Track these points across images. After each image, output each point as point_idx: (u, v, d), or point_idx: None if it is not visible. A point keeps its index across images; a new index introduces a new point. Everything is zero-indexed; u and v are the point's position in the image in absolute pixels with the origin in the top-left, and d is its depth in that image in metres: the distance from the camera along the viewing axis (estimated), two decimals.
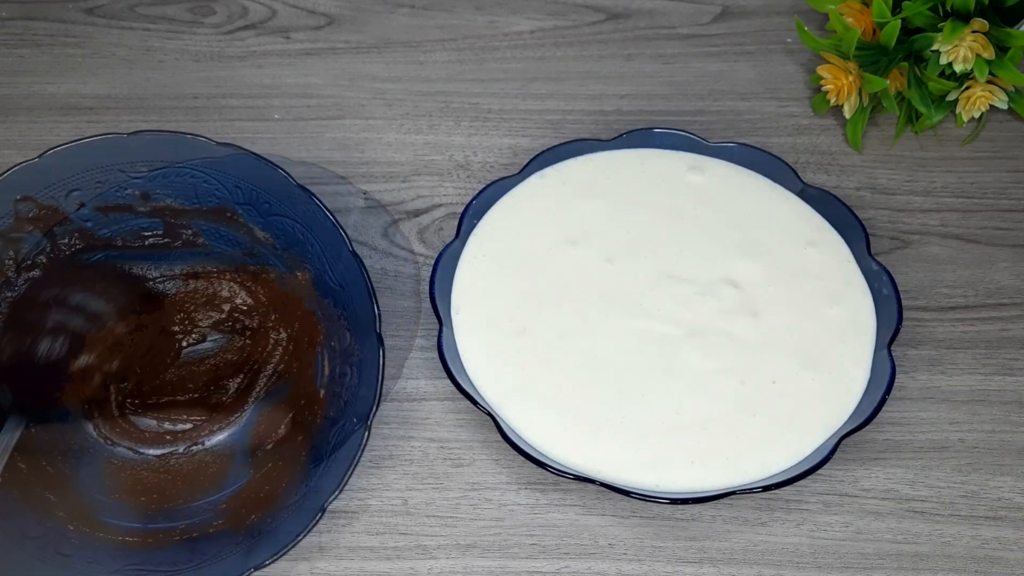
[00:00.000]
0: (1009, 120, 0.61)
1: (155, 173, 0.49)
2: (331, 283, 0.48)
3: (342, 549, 0.46)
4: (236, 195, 0.50)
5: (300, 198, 0.48)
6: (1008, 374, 0.51)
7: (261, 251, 0.51)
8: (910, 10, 0.56)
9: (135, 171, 0.49)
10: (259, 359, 0.51)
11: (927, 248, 0.56)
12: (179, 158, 0.49)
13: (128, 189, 0.49)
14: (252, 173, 0.49)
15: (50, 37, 0.66)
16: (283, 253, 0.50)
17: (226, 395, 0.51)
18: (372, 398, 0.45)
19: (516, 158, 0.59)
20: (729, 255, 0.53)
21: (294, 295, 0.51)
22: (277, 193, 0.49)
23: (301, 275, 0.50)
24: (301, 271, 0.50)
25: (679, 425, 0.47)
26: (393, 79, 0.64)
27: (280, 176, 0.48)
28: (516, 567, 0.46)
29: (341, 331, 0.48)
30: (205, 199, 0.50)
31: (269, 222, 0.50)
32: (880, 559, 0.46)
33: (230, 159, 0.48)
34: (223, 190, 0.50)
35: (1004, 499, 0.47)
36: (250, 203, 0.49)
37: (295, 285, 0.51)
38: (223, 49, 0.65)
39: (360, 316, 0.47)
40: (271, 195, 0.49)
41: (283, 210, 0.49)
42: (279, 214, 0.49)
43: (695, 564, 0.46)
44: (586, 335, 0.50)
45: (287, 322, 0.51)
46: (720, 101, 0.62)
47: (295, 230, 0.49)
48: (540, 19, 0.66)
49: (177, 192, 0.50)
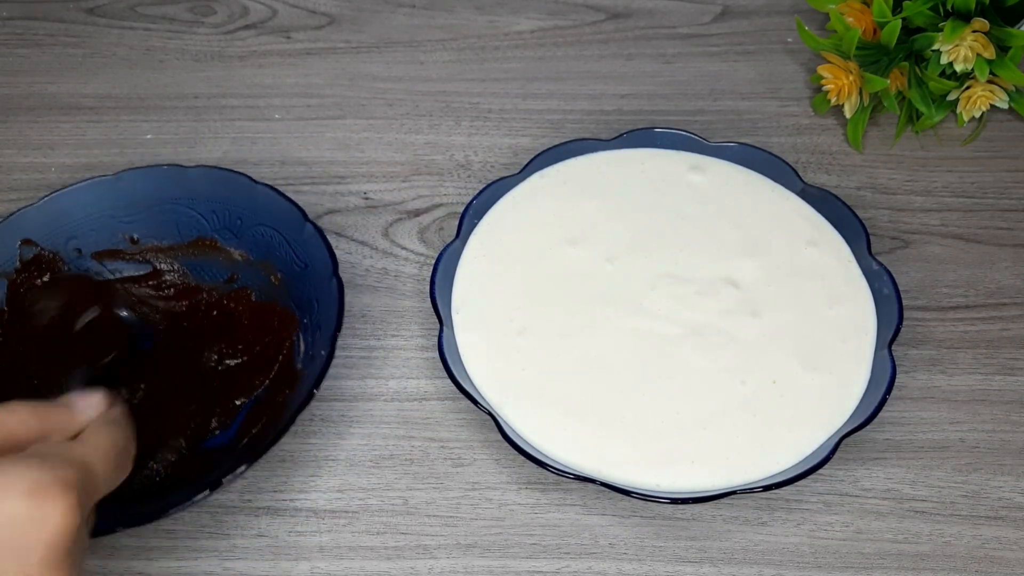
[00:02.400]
0: (1009, 120, 0.61)
1: (142, 213, 0.53)
2: (297, 267, 0.50)
3: (342, 549, 0.46)
4: (212, 221, 0.53)
5: (263, 195, 0.51)
6: (1008, 374, 0.51)
7: (239, 272, 0.53)
8: (911, 10, 0.56)
9: (124, 215, 0.53)
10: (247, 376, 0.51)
11: (928, 248, 0.56)
12: (162, 191, 0.53)
13: (120, 233, 0.53)
14: (222, 190, 0.52)
15: (50, 37, 0.66)
16: (257, 265, 0.52)
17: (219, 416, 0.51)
18: (334, 318, 0.46)
19: (516, 158, 0.59)
20: (729, 255, 0.53)
21: (270, 302, 0.52)
22: (245, 202, 0.52)
23: (275, 279, 0.51)
24: (275, 275, 0.51)
25: (679, 425, 0.47)
26: (393, 79, 0.64)
27: (244, 182, 0.51)
28: (516, 567, 0.46)
29: (311, 304, 0.49)
30: (186, 233, 0.53)
31: (242, 240, 0.52)
32: (880, 559, 0.46)
33: (200, 181, 0.52)
34: (201, 220, 0.53)
35: (1004, 499, 0.47)
36: (226, 226, 0.52)
37: (271, 292, 0.52)
38: (223, 49, 0.65)
39: (323, 272, 0.49)
40: (242, 208, 0.52)
41: (253, 219, 0.52)
42: (252, 224, 0.52)
43: (695, 564, 0.46)
44: (586, 335, 0.50)
45: (266, 332, 0.52)
46: (720, 101, 0.62)
47: (265, 235, 0.52)
48: (540, 19, 0.66)
49: (162, 231, 0.53)
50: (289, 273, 0.51)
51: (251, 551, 0.46)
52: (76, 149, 0.61)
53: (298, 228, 0.50)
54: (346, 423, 0.50)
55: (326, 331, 0.47)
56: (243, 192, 0.52)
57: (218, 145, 0.60)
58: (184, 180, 0.52)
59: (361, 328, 0.53)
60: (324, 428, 0.50)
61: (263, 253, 0.52)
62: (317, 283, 0.49)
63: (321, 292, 0.49)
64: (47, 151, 0.60)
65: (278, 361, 0.50)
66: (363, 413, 0.50)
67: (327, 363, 0.45)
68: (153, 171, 0.53)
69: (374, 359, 0.52)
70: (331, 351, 0.46)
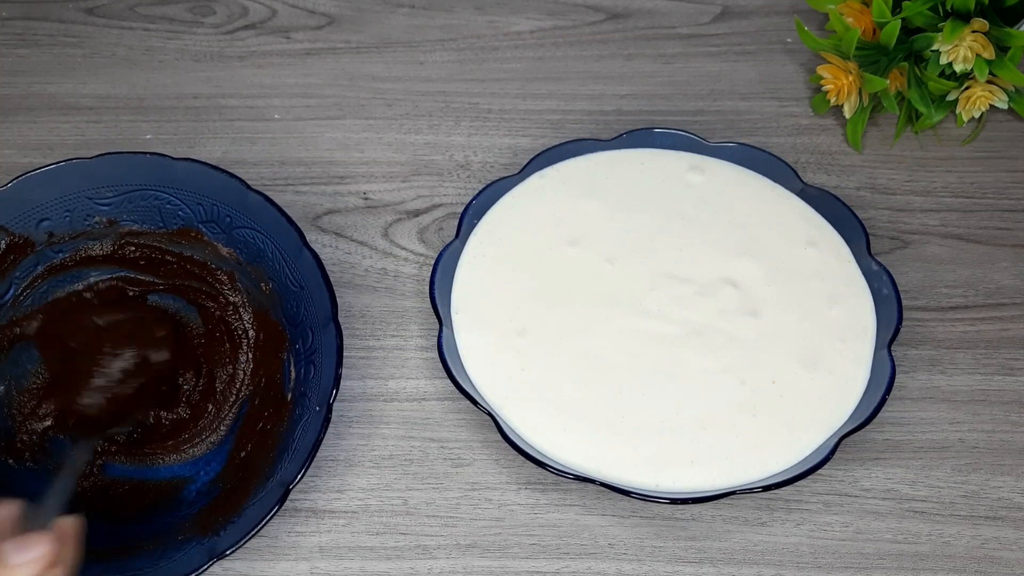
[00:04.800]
0: (1009, 120, 0.61)
1: (121, 198, 0.50)
2: (292, 286, 0.48)
3: (342, 549, 0.46)
4: (199, 213, 0.50)
5: (256, 203, 0.49)
6: (1008, 374, 0.51)
7: (227, 269, 0.51)
8: (910, 10, 0.56)
9: (101, 197, 0.50)
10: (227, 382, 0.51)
11: (927, 248, 0.56)
12: (145, 179, 0.50)
13: (95, 216, 0.50)
14: (211, 185, 0.49)
15: (50, 37, 0.66)
16: (247, 267, 0.50)
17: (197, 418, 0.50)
18: (331, 382, 0.45)
19: (516, 158, 0.59)
20: (729, 255, 0.53)
21: (260, 308, 0.50)
22: (235, 203, 0.49)
23: (265, 286, 0.50)
24: (265, 282, 0.50)
25: (679, 425, 0.47)
26: (393, 79, 0.64)
27: (236, 185, 0.49)
28: (516, 567, 0.46)
29: (305, 331, 0.48)
30: (170, 221, 0.51)
31: (232, 236, 0.50)
32: (880, 559, 0.46)
33: (188, 175, 0.49)
34: (186, 209, 0.50)
35: (1004, 499, 0.47)
36: (212, 220, 0.50)
37: (261, 298, 0.50)
38: (223, 49, 0.65)
39: (320, 310, 0.47)
40: (230, 207, 0.50)
41: (243, 221, 0.50)
42: (240, 226, 0.50)
43: (695, 564, 0.46)
44: (586, 335, 0.50)
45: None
46: (720, 101, 0.62)
47: (256, 240, 0.49)
48: (540, 19, 0.66)
49: (143, 216, 0.51)
50: (282, 287, 0.49)
51: (251, 551, 0.46)
52: (76, 149, 0.60)
53: (296, 249, 0.48)
54: (346, 423, 0.50)
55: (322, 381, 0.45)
56: (234, 195, 0.49)
57: (218, 145, 0.60)
58: (171, 171, 0.50)
59: (361, 328, 0.53)
60: None
61: (252, 256, 0.50)
62: (314, 313, 0.47)
63: (317, 325, 0.47)
64: (47, 151, 0.60)
65: (262, 376, 0.49)
66: (363, 413, 0.50)
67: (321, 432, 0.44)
68: (137, 158, 0.50)
69: (374, 359, 0.52)
70: (327, 416, 0.44)
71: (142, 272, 0.52)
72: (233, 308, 0.51)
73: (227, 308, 0.51)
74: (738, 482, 0.45)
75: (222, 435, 0.49)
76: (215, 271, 0.51)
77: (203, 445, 0.49)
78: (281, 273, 0.49)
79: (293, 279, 0.48)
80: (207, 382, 0.50)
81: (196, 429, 0.50)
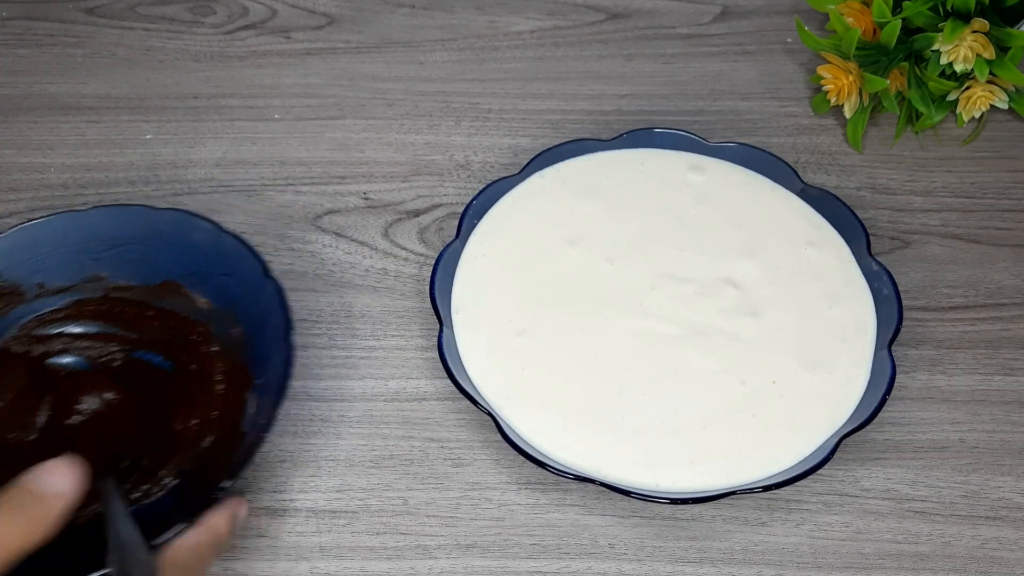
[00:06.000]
0: (1009, 120, 0.61)
1: (112, 252, 0.50)
2: (253, 318, 0.48)
3: (342, 549, 0.46)
4: (180, 265, 0.50)
5: (229, 244, 0.49)
6: (1008, 374, 0.51)
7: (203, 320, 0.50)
8: (910, 10, 0.56)
9: (93, 251, 0.50)
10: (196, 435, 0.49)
11: (927, 248, 0.56)
12: (134, 229, 0.50)
13: (86, 271, 0.50)
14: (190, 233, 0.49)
15: (50, 37, 0.66)
16: (219, 313, 0.49)
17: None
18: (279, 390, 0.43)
19: (516, 158, 0.59)
20: (729, 255, 0.53)
21: (230, 354, 0.49)
22: (211, 248, 0.49)
23: (236, 331, 0.49)
24: (235, 327, 0.49)
25: (679, 425, 0.47)
26: (393, 79, 0.64)
27: (209, 228, 0.49)
28: (516, 567, 0.46)
29: (265, 367, 0.46)
30: (155, 277, 0.50)
31: (208, 287, 0.50)
32: (880, 559, 0.46)
33: (166, 225, 0.50)
34: (169, 261, 0.50)
35: (1004, 499, 0.47)
36: (192, 272, 0.50)
37: (230, 343, 0.49)
38: (223, 49, 0.65)
39: (276, 335, 0.46)
40: (208, 254, 0.49)
41: (219, 268, 0.49)
42: (219, 273, 0.49)
43: (695, 564, 0.46)
44: (586, 335, 0.50)
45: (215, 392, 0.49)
46: (720, 101, 0.62)
47: (228, 285, 0.49)
48: (540, 19, 0.66)
49: (132, 272, 0.50)
50: (249, 328, 0.48)
51: (251, 551, 0.46)
52: (76, 149, 0.61)
53: (259, 282, 0.47)
54: (346, 423, 0.50)
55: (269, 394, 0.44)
56: (209, 239, 0.49)
57: (218, 145, 0.60)
58: (154, 222, 0.50)
59: (361, 328, 0.53)
60: (324, 428, 0.50)
61: (226, 302, 0.49)
62: (272, 340, 0.46)
63: (273, 352, 0.46)
64: (47, 151, 0.60)
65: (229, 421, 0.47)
66: (363, 413, 0.50)
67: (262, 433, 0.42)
68: (124, 210, 0.50)
69: (374, 359, 0.52)
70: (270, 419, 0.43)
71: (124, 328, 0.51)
72: (209, 360, 0.50)
73: (204, 360, 0.50)
74: (738, 482, 0.45)
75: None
76: (193, 324, 0.50)
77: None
78: (247, 310, 0.48)
79: (255, 312, 0.48)
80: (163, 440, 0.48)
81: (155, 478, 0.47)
